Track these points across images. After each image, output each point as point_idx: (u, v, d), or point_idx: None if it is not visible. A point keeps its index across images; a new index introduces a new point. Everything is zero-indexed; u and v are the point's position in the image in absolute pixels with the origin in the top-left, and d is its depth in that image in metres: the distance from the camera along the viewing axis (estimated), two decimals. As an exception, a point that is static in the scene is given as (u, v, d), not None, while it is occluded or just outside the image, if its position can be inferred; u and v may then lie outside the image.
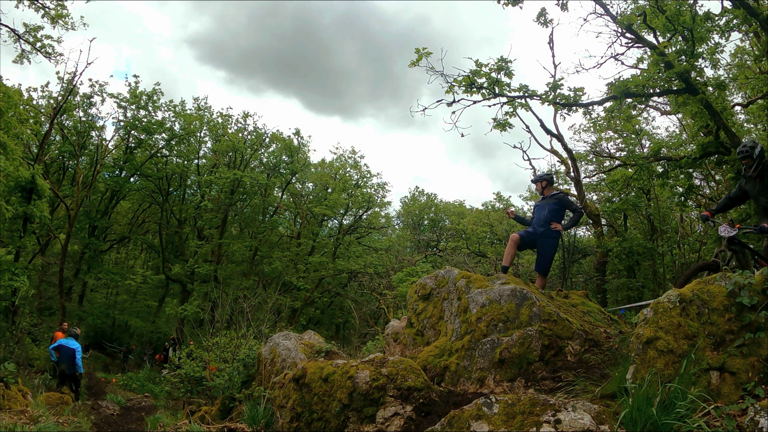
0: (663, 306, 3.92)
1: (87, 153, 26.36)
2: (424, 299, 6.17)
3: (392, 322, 6.87)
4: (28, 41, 17.80)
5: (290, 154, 29.34)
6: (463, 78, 9.64)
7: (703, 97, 9.95)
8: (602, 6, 11.13)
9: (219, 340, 10.66)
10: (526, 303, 5.40)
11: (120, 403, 14.41)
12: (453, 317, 5.65)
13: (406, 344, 6.13)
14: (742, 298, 3.73)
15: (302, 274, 27.50)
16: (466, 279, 5.77)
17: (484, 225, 23.98)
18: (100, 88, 25.11)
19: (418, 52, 9.72)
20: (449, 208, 42.08)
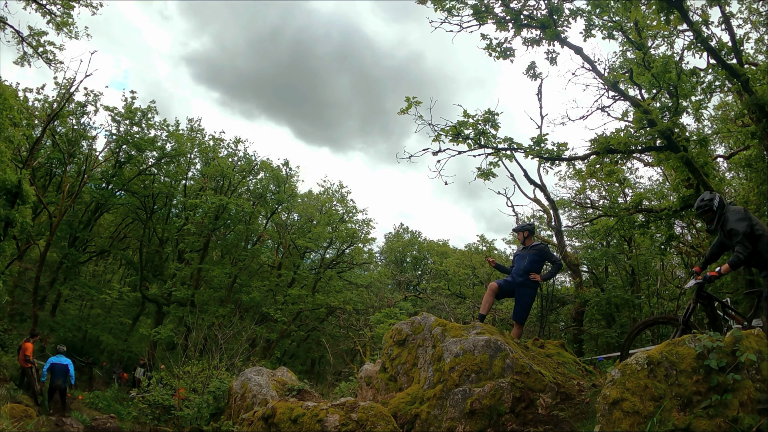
0: (630, 368, 3.94)
1: (76, 162, 26.10)
2: (399, 345, 6.14)
3: (366, 365, 6.81)
4: (31, 45, 17.90)
5: (278, 184, 29.30)
6: (450, 128, 9.86)
7: (684, 155, 10.24)
8: (590, 63, 11.52)
9: (191, 368, 10.48)
10: (500, 354, 5.41)
11: (84, 421, 14.05)
12: (427, 365, 5.62)
13: (379, 389, 6.07)
14: (710, 361, 3.75)
15: (280, 305, 27.13)
16: (442, 327, 5.77)
17: (467, 267, 24.06)
18: (94, 98, 24.98)
19: (408, 100, 9.97)
20: (433, 246, 42.11)
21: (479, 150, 10.14)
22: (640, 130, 10.71)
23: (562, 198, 20.14)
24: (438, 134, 9.83)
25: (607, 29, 12.29)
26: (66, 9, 17.33)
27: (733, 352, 3.77)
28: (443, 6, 10.38)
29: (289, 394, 7.42)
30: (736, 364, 3.70)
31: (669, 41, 14.65)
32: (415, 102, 9.89)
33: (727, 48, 10.97)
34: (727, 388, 3.63)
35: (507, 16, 10.31)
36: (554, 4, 10.54)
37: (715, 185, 13.25)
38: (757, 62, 14.16)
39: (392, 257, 41.86)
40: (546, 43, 10.68)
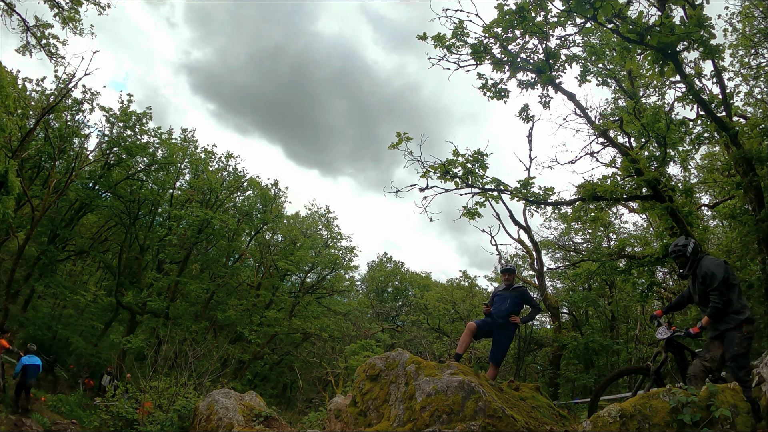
0: (603, 420, 3.89)
1: (65, 159, 25.80)
2: (372, 379, 6.03)
3: (336, 397, 6.67)
4: (35, 35, 17.83)
5: (265, 203, 29.22)
6: (439, 166, 9.93)
7: (668, 205, 10.39)
8: (582, 110, 11.72)
9: (158, 383, 10.22)
10: (473, 396, 5.32)
11: (45, 425, 13.74)
12: (398, 402, 5.51)
13: (348, 423, 5.93)
14: (684, 416, 3.73)
15: (255, 326, 26.75)
16: (416, 364, 5.68)
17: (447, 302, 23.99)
18: (92, 96, 24.85)
19: (399, 136, 10.06)
20: (415, 278, 42.02)
21: (466, 189, 10.21)
22: (626, 178, 10.86)
23: (546, 239, 20.28)
24: (426, 171, 9.89)
25: (601, 76, 12.56)
26: (74, 4, 17.36)
27: (707, 406, 3.76)
28: (443, 43, 10.54)
29: (256, 420, 7.24)
30: (710, 419, 3.69)
31: (660, 92, 15.03)
32: (406, 138, 9.98)
33: (717, 101, 11.21)
34: None
35: (504, 57, 10.48)
36: (551, 50, 10.75)
37: (699, 234, 13.42)
38: (746, 115, 14.54)
39: (373, 286, 41.63)
40: (540, 87, 10.87)
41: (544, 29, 10.37)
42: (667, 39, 9.27)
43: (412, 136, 9.88)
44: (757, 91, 15.38)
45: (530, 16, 9.34)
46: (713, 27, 9.77)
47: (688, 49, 10.13)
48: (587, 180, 10.80)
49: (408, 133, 9.87)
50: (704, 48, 9.76)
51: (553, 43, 10.75)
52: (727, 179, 14.57)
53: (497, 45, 10.47)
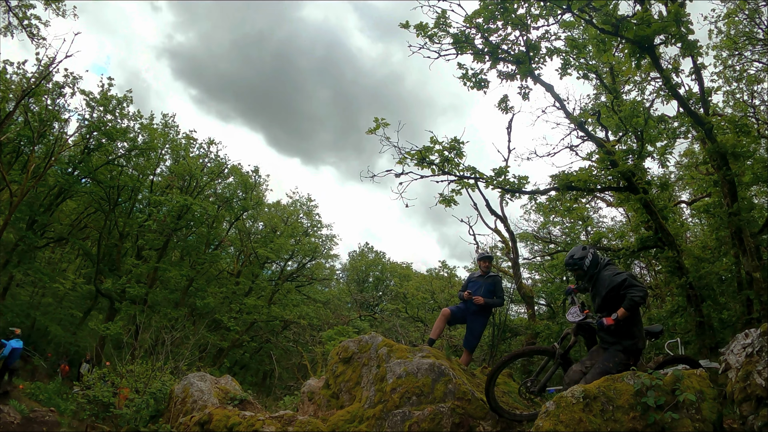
0: (566, 400, 3.91)
1: (45, 143, 25.30)
2: (345, 362, 6.10)
3: (310, 380, 6.74)
4: (17, 15, 17.41)
5: (245, 190, 29.02)
6: (416, 153, 10.01)
7: (642, 197, 10.59)
8: (560, 102, 11.85)
9: (134, 368, 10.20)
10: (443, 379, 5.42)
11: (23, 412, 13.66)
12: (369, 384, 5.59)
13: (320, 405, 6.00)
14: (648, 399, 3.74)
15: (235, 314, 26.68)
16: (389, 347, 5.76)
17: (426, 291, 24.17)
18: (73, 80, 24.36)
19: (377, 121, 10.13)
20: (396, 268, 42.13)
21: (443, 176, 10.30)
22: (602, 170, 11.03)
23: (525, 231, 20.50)
24: (403, 157, 9.96)
25: (582, 70, 12.68)
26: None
27: (672, 391, 3.78)
28: (425, 33, 10.57)
29: (231, 403, 7.28)
30: (675, 402, 3.69)
31: (641, 87, 15.25)
32: (383, 123, 10.03)
33: (696, 98, 11.43)
34: (664, 426, 3.63)
35: (485, 48, 10.55)
36: (532, 42, 10.85)
37: (675, 229, 13.69)
38: (724, 114, 14.83)
39: (354, 276, 41.73)
40: (519, 78, 10.97)
41: (525, 21, 10.47)
42: (643, 32, 9.41)
43: (389, 122, 9.91)
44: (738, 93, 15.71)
45: (512, 8, 9.40)
46: (691, 23, 9.94)
47: (666, 43, 10.29)
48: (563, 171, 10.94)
49: (386, 119, 9.91)
50: (683, 44, 9.93)
51: (534, 36, 10.86)
52: (705, 176, 14.89)
53: (479, 36, 10.54)
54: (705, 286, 12.86)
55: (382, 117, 9.99)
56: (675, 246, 11.44)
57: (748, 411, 3.68)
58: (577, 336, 5.35)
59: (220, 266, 31.12)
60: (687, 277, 11.27)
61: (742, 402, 3.75)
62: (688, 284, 11.38)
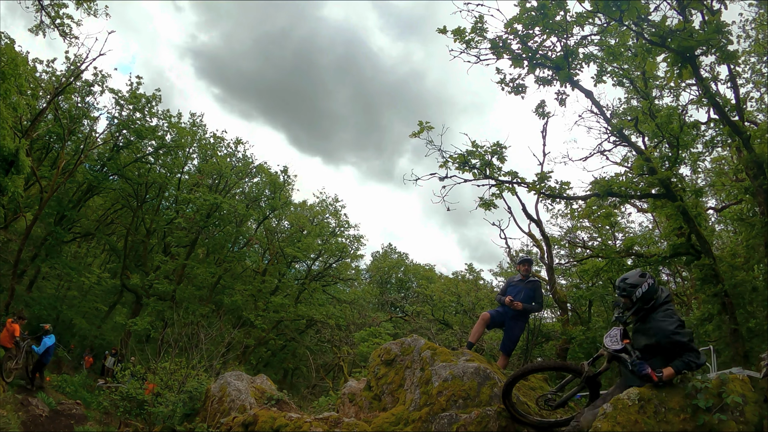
0: (623, 402, 4.05)
1: (74, 140, 25.85)
2: (387, 364, 6.14)
3: (350, 382, 6.79)
4: (49, 14, 17.79)
5: (273, 190, 29.26)
6: (459, 156, 10.05)
7: (681, 204, 10.47)
8: (599, 108, 11.77)
9: (168, 365, 10.31)
10: (488, 383, 5.44)
11: (50, 404, 13.98)
12: (414, 387, 5.63)
13: (362, 407, 6.05)
14: (699, 401, 3.86)
15: (261, 312, 26.93)
16: (432, 350, 5.80)
17: (452, 294, 24.02)
18: (102, 78, 24.86)
19: (421, 124, 10.20)
20: (418, 270, 42.14)
21: (484, 180, 10.32)
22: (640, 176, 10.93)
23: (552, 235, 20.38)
24: (446, 161, 9.99)
25: (617, 76, 12.58)
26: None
27: (719, 393, 3.90)
28: (462, 37, 10.59)
29: (269, 403, 7.36)
30: (722, 405, 3.82)
31: (675, 93, 15.07)
32: (428, 127, 10.10)
33: (731, 105, 11.27)
34: (713, 427, 3.76)
35: (523, 53, 10.55)
36: (570, 47, 10.80)
37: (707, 236, 13.51)
38: (756, 121, 14.59)
39: (377, 277, 41.78)
40: (557, 83, 10.93)
41: (564, 27, 10.42)
42: (687, 43, 9.35)
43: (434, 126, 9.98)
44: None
45: (551, 13, 9.38)
46: (731, 33, 9.87)
47: (706, 53, 10.20)
48: (601, 176, 10.89)
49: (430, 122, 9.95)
50: (721, 53, 9.85)
51: (572, 41, 10.79)
52: (736, 183, 14.66)
53: (516, 41, 10.52)
54: (738, 294, 12.67)
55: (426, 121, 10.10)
56: (711, 253, 11.28)
57: None
58: (611, 363, 4.71)
59: (246, 264, 31.42)
60: (723, 285, 11.10)
61: None
62: (723, 292, 11.20)
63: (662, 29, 8.76)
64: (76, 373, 21.68)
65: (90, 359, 24.33)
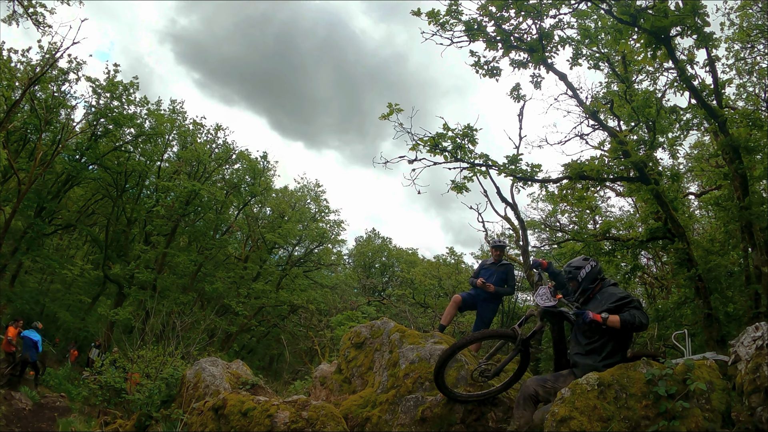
0: (581, 387, 4.00)
1: (51, 130, 25.41)
2: (357, 347, 6.15)
3: (322, 365, 6.80)
4: (22, 4, 17.45)
5: (254, 176, 29.17)
6: (429, 139, 10.00)
7: (654, 188, 10.56)
8: (573, 91, 11.78)
9: (145, 353, 10.30)
10: (456, 365, 5.46)
11: (34, 398, 13.93)
12: (382, 369, 5.65)
13: (333, 390, 6.07)
14: (659, 388, 3.80)
15: (243, 299, 26.94)
16: (401, 333, 5.81)
17: (433, 277, 24.18)
18: (77, 66, 24.41)
19: (390, 107, 10.09)
20: (402, 254, 42.31)
21: (455, 163, 10.32)
22: (614, 160, 10.99)
23: (532, 219, 20.50)
24: (416, 143, 9.95)
25: (593, 59, 12.59)
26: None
27: (684, 380, 3.83)
28: (437, 20, 10.51)
29: (243, 388, 7.35)
30: (686, 392, 3.75)
31: (653, 78, 15.13)
32: (397, 109, 10.02)
33: (708, 90, 11.33)
34: (675, 414, 3.68)
35: (498, 36, 10.50)
36: (545, 30, 10.78)
37: (684, 221, 13.66)
38: (736, 107, 14.71)
39: (361, 261, 41.90)
40: (532, 66, 10.91)
41: (539, 10, 10.39)
42: (660, 23, 9.34)
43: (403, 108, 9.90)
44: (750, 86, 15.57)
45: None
46: (707, 15, 9.85)
47: (681, 35, 10.20)
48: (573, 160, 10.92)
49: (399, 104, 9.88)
50: (698, 35, 9.84)
51: (547, 24, 10.79)
52: (715, 169, 14.80)
53: (491, 23, 10.47)
54: (713, 278, 12.83)
55: (396, 103, 9.97)
56: (685, 237, 11.41)
57: (756, 402, 3.70)
58: (543, 321, 4.79)
59: (227, 251, 31.32)
60: (696, 269, 11.25)
61: (751, 394, 3.76)
62: (697, 276, 11.36)
63: (632, 7, 8.74)
64: (61, 366, 21.56)
65: (75, 352, 24.18)
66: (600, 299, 4.57)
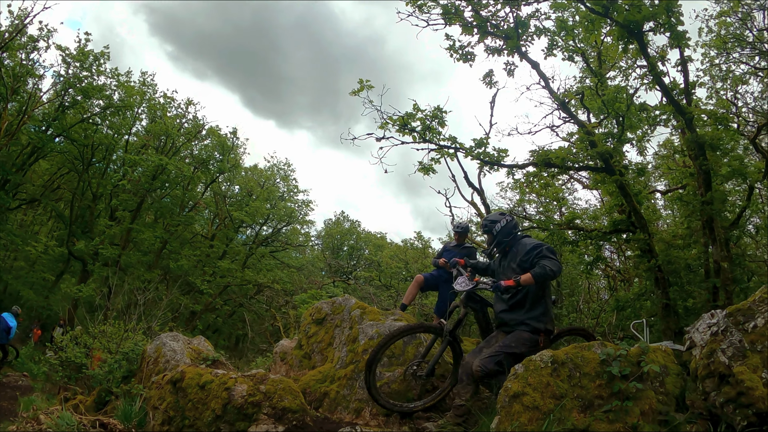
0: (535, 364, 4.03)
1: (18, 100, 24.47)
2: (318, 323, 6.16)
3: (283, 341, 6.80)
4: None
5: (223, 152, 28.70)
6: (398, 118, 10.00)
7: (618, 179, 10.81)
8: (544, 80, 11.90)
9: (106, 328, 10.13)
10: (414, 342, 5.52)
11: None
12: (341, 345, 5.67)
13: (292, 365, 6.07)
14: (612, 368, 3.83)
15: (208, 277, 26.60)
16: (361, 309, 5.84)
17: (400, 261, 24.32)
18: (48, 33, 23.56)
19: (361, 82, 10.06)
20: (370, 238, 42.38)
21: (423, 144, 10.34)
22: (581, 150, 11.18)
23: (500, 207, 20.80)
24: (385, 122, 9.95)
25: (568, 51, 12.73)
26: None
27: (638, 362, 3.86)
28: (415, 2, 10.47)
29: (203, 363, 7.30)
30: (640, 374, 3.79)
31: (626, 74, 15.40)
32: (368, 86, 9.98)
33: (679, 89, 11.58)
34: (628, 395, 3.72)
35: (474, 21, 10.52)
36: (521, 18, 10.85)
37: (648, 215, 14.01)
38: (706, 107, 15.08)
39: (329, 244, 41.84)
40: (506, 53, 10.97)
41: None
42: (633, 17, 9.47)
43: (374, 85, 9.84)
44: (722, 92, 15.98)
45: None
46: (681, 14, 10.03)
47: (655, 31, 10.36)
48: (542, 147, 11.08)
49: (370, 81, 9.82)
50: (671, 33, 10.02)
51: (525, 12, 10.85)
52: (682, 168, 15.20)
53: (469, 8, 10.48)
54: (673, 271, 13.21)
55: (367, 79, 9.93)
56: (647, 229, 11.72)
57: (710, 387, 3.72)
58: (467, 308, 4.92)
59: (194, 229, 30.86)
60: (656, 260, 11.59)
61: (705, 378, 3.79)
62: (657, 267, 11.69)
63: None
64: (24, 345, 21.07)
65: (38, 331, 23.61)
66: (515, 251, 4.79)
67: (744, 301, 4.00)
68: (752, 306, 3.84)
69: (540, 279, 4.49)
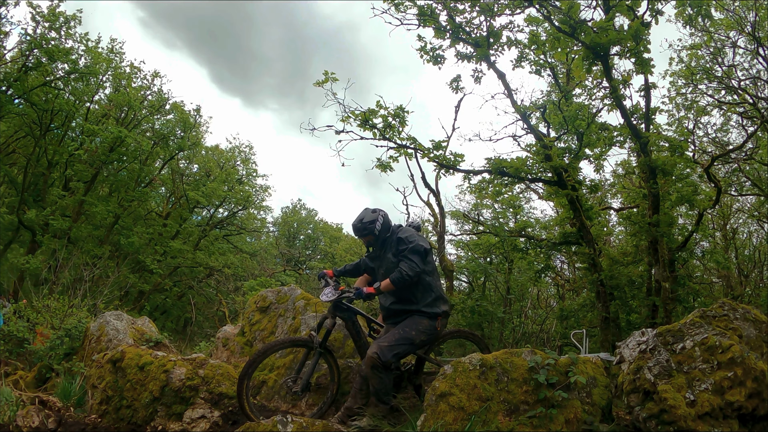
0: (463, 366, 4.12)
1: (-21, 58, 23.33)
2: (262, 311, 6.22)
3: (225, 327, 6.83)
4: None
5: (184, 129, 27.98)
6: (360, 113, 10.11)
7: (569, 193, 11.22)
8: (509, 90, 12.21)
9: (51, 303, 9.89)
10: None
11: (-66, 356, 12.97)
12: (284, 335, 5.76)
13: (234, 351, 6.13)
14: (539, 376, 3.95)
15: (159, 257, 25.99)
16: (306, 300, 5.94)
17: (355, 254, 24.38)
18: (19, -14, 22.46)
19: (326, 74, 10.09)
20: (327, 229, 42.15)
21: (383, 142, 10.50)
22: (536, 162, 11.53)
23: (457, 210, 21.32)
24: (347, 116, 10.05)
25: (537, 65, 13.07)
26: None
27: (566, 372, 3.98)
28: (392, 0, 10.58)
29: (146, 344, 7.27)
30: (567, 383, 3.91)
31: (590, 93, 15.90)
32: (333, 78, 10.03)
33: (640, 113, 12.03)
34: (554, 403, 3.83)
35: (448, 26, 10.71)
36: (494, 29, 11.10)
37: (597, 230, 14.51)
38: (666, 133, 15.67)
39: (285, 231, 41.46)
40: (475, 61, 11.21)
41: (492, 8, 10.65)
42: (599, 39, 9.79)
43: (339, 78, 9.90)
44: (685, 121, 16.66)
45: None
46: (649, 42, 10.37)
47: (621, 56, 10.72)
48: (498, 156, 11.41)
49: (335, 74, 9.86)
50: (637, 59, 10.37)
51: (498, 23, 11.09)
52: (637, 189, 15.82)
53: (444, 13, 10.65)
54: (616, 286, 13.77)
55: (332, 71, 9.97)
56: (593, 244, 12.21)
57: (635, 402, 3.82)
58: (334, 318, 4.91)
59: (148, 206, 30.06)
60: (599, 274, 12.09)
61: (630, 393, 3.89)
62: (600, 281, 12.20)
63: (573, 18, 9.12)
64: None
65: None
66: (391, 242, 4.81)
67: (675, 323, 4.16)
68: (682, 328, 4.00)
69: (399, 284, 4.52)
